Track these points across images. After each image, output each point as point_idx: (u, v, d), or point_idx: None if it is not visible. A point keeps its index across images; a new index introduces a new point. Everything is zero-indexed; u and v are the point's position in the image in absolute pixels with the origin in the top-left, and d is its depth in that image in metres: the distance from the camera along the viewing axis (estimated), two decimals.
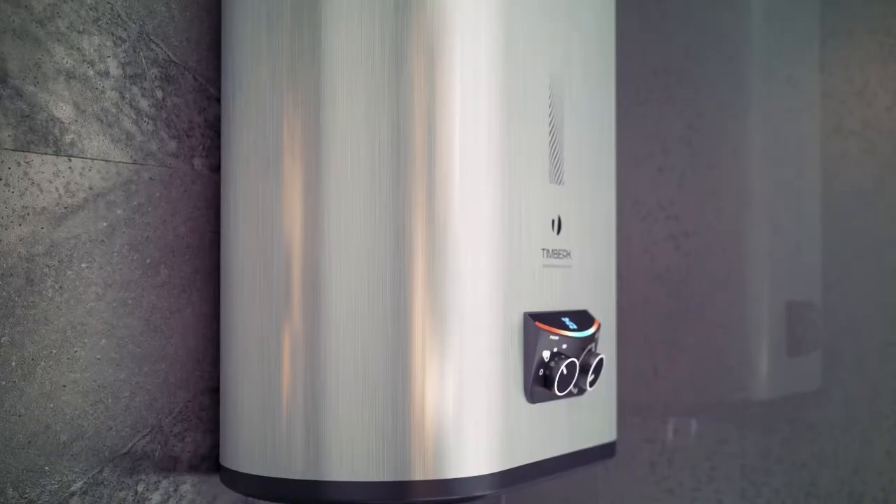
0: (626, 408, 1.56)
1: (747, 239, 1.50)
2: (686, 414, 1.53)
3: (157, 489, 1.14)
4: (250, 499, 1.24)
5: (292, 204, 1.08)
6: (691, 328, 1.53)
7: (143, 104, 1.12)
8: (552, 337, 1.15)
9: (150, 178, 1.13)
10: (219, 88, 1.20)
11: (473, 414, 1.08)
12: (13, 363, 1.00)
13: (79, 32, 1.06)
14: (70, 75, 1.05)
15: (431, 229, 1.06)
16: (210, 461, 1.19)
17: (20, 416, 1.01)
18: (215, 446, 1.20)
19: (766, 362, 1.50)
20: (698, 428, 1.52)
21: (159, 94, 1.14)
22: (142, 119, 1.12)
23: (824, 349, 1.46)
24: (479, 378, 1.08)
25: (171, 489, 1.15)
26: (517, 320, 1.12)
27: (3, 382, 1.00)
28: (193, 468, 1.17)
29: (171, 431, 1.15)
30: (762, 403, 1.50)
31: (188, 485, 1.17)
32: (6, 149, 1.00)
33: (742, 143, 1.51)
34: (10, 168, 1.00)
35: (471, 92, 1.08)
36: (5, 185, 1.00)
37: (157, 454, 1.14)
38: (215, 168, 1.19)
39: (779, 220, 1.49)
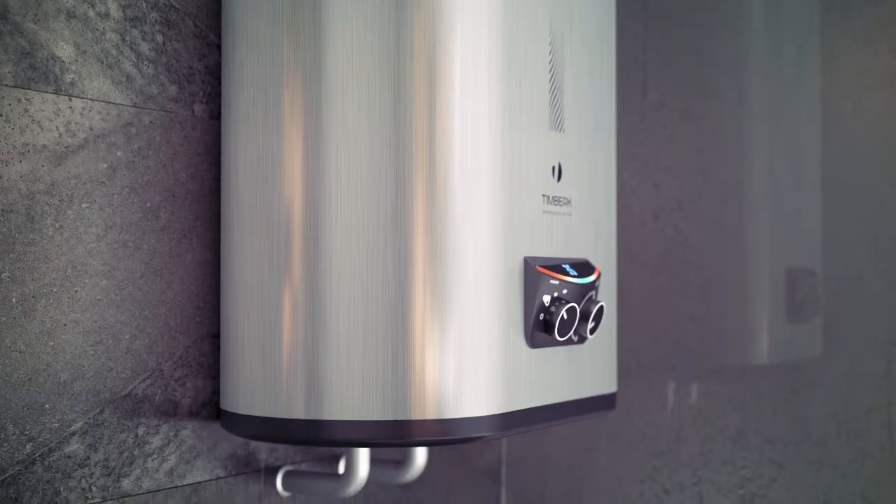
0: (626, 371, 1.56)
1: (748, 205, 1.50)
2: (686, 378, 1.53)
3: (157, 433, 1.14)
4: (251, 444, 1.24)
5: (293, 151, 1.08)
6: (691, 294, 1.53)
7: (144, 47, 1.12)
8: (552, 281, 1.15)
9: (151, 122, 1.13)
10: (219, 36, 1.20)
11: (473, 356, 1.08)
12: (13, 299, 1.00)
13: None
14: (70, 15, 1.05)
15: (431, 174, 1.06)
16: (210, 408, 1.19)
17: (21, 352, 1.01)
18: (215, 393, 1.20)
19: (766, 328, 1.50)
20: (698, 392, 1.52)
21: (160, 38, 1.14)
22: (142, 62, 1.12)
23: (824, 315, 1.46)
24: (479, 321, 1.08)
25: (171, 434, 1.15)
26: (518, 265, 1.12)
27: (4, 318, 1.00)
28: (193, 414, 1.17)
29: (171, 376, 1.15)
30: (762, 368, 1.50)
31: (188, 430, 1.17)
32: (6, 85, 1.00)
33: (744, 107, 1.51)
34: (10, 104, 1.00)
35: (471, 39, 1.08)
36: (6, 121, 1.00)
37: (157, 398, 1.14)
38: (216, 115, 1.19)
39: (779, 186, 1.49)
